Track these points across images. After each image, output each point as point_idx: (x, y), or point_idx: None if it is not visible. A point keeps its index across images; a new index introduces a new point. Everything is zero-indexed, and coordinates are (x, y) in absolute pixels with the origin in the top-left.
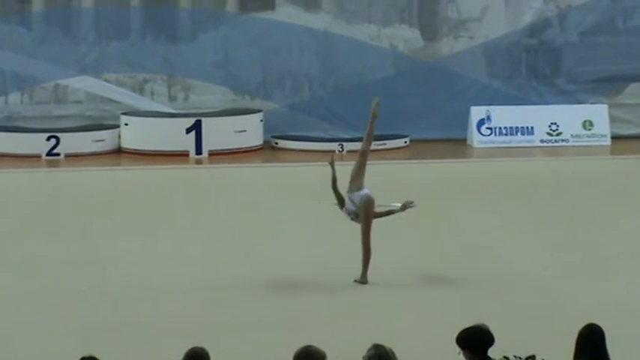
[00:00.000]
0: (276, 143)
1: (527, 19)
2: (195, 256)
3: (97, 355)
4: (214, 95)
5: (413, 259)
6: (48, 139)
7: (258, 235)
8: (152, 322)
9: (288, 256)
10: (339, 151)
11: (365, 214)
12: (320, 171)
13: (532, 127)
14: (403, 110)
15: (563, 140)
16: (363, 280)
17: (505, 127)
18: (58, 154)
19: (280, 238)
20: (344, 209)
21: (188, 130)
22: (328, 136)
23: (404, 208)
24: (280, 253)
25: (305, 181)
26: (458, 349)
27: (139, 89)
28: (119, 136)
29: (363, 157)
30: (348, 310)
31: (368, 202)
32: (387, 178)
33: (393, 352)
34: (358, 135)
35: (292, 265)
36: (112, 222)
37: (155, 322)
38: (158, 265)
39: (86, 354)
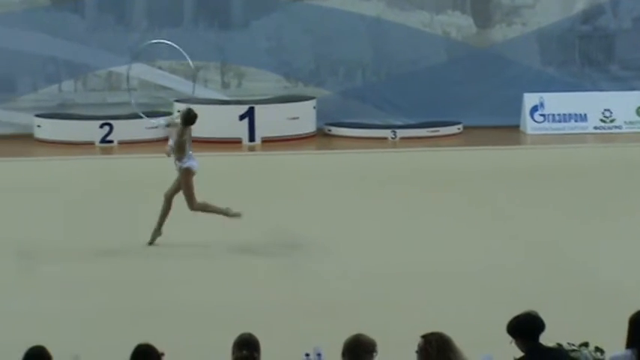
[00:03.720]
0: (329, 130)
1: (579, 5)
2: (248, 243)
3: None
4: (267, 82)
5: (467, 247)
6: (101, 126)
7: (309, 223)
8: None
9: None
10: (391, 137)
11: (184, 183)
12: (373, 158)
13: (585, 114)
14: (456, 97)
15: (616, 127)
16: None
17: (558, 114)
18: (111, 142)
19: (333, 225)
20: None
21: (241, 117)
22: (381, 123)
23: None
24: (329, 241)
25: (358, 168)
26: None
27: (192, 76)
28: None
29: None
30: (392, 300)
31: (186, 172)
32: (440, 165)
33: (449, 339)
34: (411, 122)
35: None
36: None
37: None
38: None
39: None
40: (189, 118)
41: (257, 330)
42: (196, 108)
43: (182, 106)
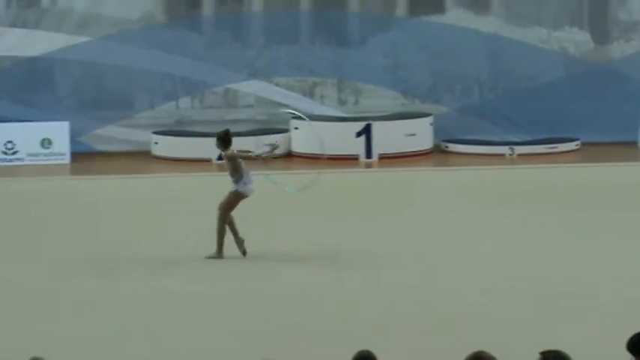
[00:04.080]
0: (446, 147)
1: None
2: (364, 260)
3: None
4: (384, 99)
5: (588, 264)
6: None
7: (432, 238)
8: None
9: (457, 261)
10: (509, 154)
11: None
12: (490, 174)
13: None
14: (574, 113)
15: None
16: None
17: None
18: None
19: (449, 241)
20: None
21: (358, 134)
22: (498, 140)
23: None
24: (445, 258)
25: (475, 185)
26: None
27: (309, 93)
28: (289, 140)
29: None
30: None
31: (235, 194)
32: (558, 182)
33: (568, 356)
34: (528, 138)
35: (467, 269)
36: (275, 225)
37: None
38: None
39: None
40: (229, 138)
41: (376, 347)
42: (314, 125)
43: (299, 123)
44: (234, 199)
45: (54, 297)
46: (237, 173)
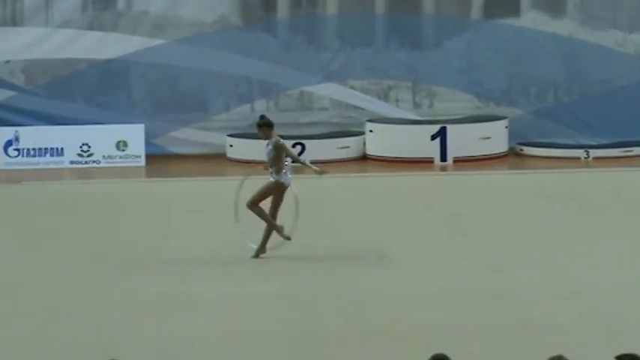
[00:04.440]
0: (521, 150)
1: None
2: (448, 262)
3: None
4: (459, 102)
5: None
6: (293, 145)
7: (508, 242)
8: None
9: (530, 262)
10: (584, 157)
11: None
12: (566, 177)
13: None
14: None
15: None
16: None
17: None
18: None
19: (525, 245)
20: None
21: (433, 137)
22: (573, 143)
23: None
24: (518, 260)
25: (551, 188)
26: None
27: (384, 96)
28: (364, 143)
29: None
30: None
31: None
32: (634, 185)
33: None
34: (603, 141)
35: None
36: (351, 227)
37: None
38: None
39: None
40: (270, 121)
41: (452, 350)
42: (388, 128)
43: (374, 126)
44: (272, 189)
45: (129, 299)
46: (280, 163)
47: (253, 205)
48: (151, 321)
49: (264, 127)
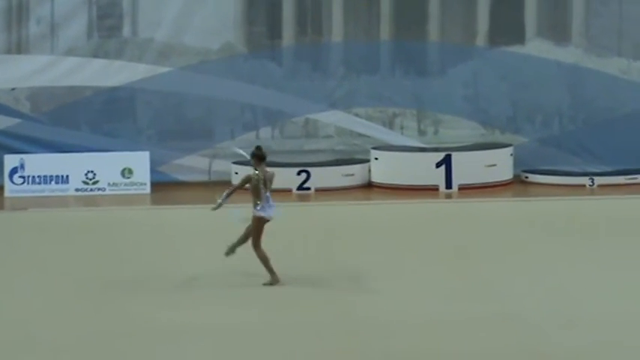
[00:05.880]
0: (526, 177)
1: None
2: (459, 289)
3: None
4: (464, 129)
5: None
6: (298, 173)
7: (513, 269)
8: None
9: (532, 290)
10: (589, 185)
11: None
12: (570, 205)
13: None
14: None
15: None
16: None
17: None
18: (308, 189)
19: (529, 274)
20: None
21: (438, 165)
22: (578, 171)
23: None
24: (523, 289)
25: (556, 216)
26: None
27: (389, 123)
28: (369, 171)
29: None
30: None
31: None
32: (637, 213)
33: None
34: (608, 169)
35: (540, 299)
36: (362, 258)
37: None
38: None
39: None
40: (261, 154)
41: None
42: (394, 155)
43: (379, 153)
44: (259, 224)
45: (135, 326)
46: (256, 196)
47: (256, 248)
48: (157, 347)
49: (254, 158)
